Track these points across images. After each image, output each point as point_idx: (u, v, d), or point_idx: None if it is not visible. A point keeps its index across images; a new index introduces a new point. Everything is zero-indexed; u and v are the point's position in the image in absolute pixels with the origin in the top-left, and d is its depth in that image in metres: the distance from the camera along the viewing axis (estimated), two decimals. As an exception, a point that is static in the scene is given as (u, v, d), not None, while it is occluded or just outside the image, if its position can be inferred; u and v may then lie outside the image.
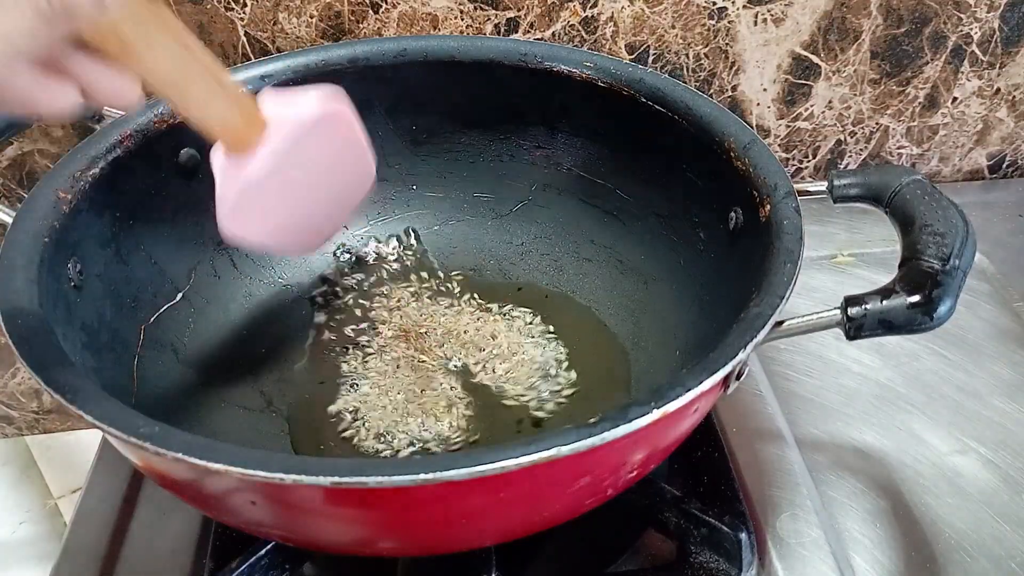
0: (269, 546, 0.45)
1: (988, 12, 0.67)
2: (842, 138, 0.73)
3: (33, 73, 0.29)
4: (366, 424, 0.50)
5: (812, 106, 0.70)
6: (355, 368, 0.53)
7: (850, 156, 0.74)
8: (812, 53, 0.67)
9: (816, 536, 0.47)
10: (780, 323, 0.38)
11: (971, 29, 0.67)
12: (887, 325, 0.37)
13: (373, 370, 0.53)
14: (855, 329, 0.38)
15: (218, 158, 0.39)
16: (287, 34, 0.62)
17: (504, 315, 0.57)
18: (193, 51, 0.34)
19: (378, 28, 0.63)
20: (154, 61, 0.32)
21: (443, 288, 0.59)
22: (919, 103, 0.71)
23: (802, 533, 0.48)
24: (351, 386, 0.52)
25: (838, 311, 0.38)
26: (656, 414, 0.33)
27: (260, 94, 0.39)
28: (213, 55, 0.35)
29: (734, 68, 0.67)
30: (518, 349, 0.54)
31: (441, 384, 0.52)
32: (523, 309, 0.57)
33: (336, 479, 0.30)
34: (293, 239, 0.45)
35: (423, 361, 0.54)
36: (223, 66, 0.36)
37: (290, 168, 0.40)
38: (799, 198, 0.43)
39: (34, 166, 0.65)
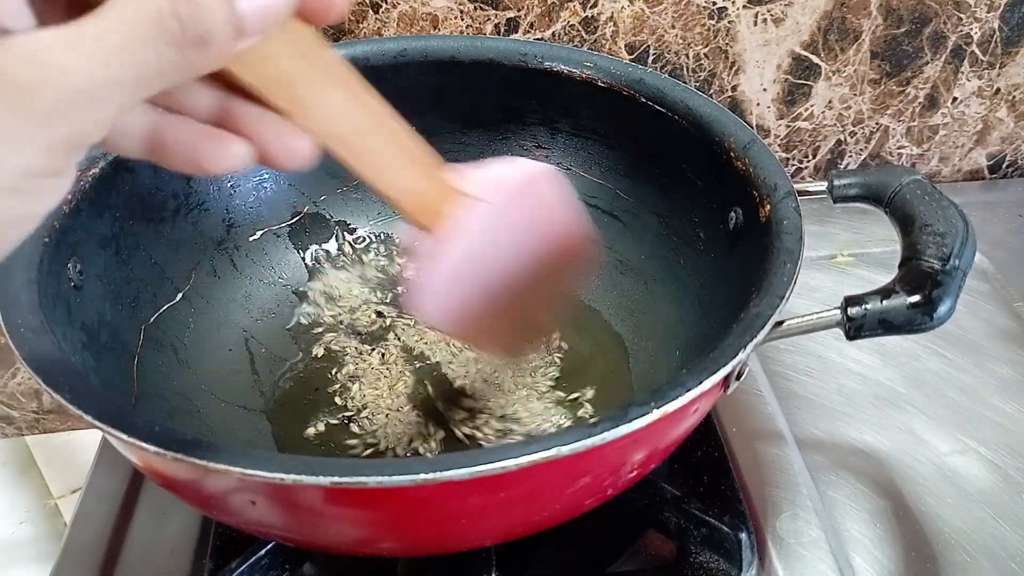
0: (269, 546, 0.45)
1: (988, 12, 0.67)
2: (842, 138, 0.73)
3: (197, 127, 0.27)
4: (364, 425, 0.50)
5: (812, 106, 0.70)
6: (355, 368, 0.53)
7: (850, 156, 0.74)
8: (812, 53, 0.67)
9: (816, 536, 0.47)
10: (780, 323, 0.38)
11: (971, 29, 0.67)
12: (887, 325, 0.37)
13: (372, 371, 0.53)
14: (855, 329, 0.38)
15: (407, 234, 0.36)
16: (287, 34, 0.62)
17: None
18: (369, 104, 0.31)
19: (378, 28, 0.63)
20: (324, 112, 0.29)
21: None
22: (919, 103, 0.71)
23: (802, 533, 0.48)
24: (350, 387, 0.52)
25: (838, 311, 0.38)
26: (656, 414, 0.33)
27: (450, 167, 0.35)
28: (395, 112, 0.32)
29: (734, 68, 0.67)
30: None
31: (441, 384, 0.52)
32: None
33: (336, 479, 0.30)
34: (495, 322, 0.40)
35: (422, 361, 0.54)
36: (407, 124, 0.33)
37: (495, 237, 0.36)
38: (799, 198, 0.43)
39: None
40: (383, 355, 0.54)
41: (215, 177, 0.28)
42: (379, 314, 0.57)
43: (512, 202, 0.36)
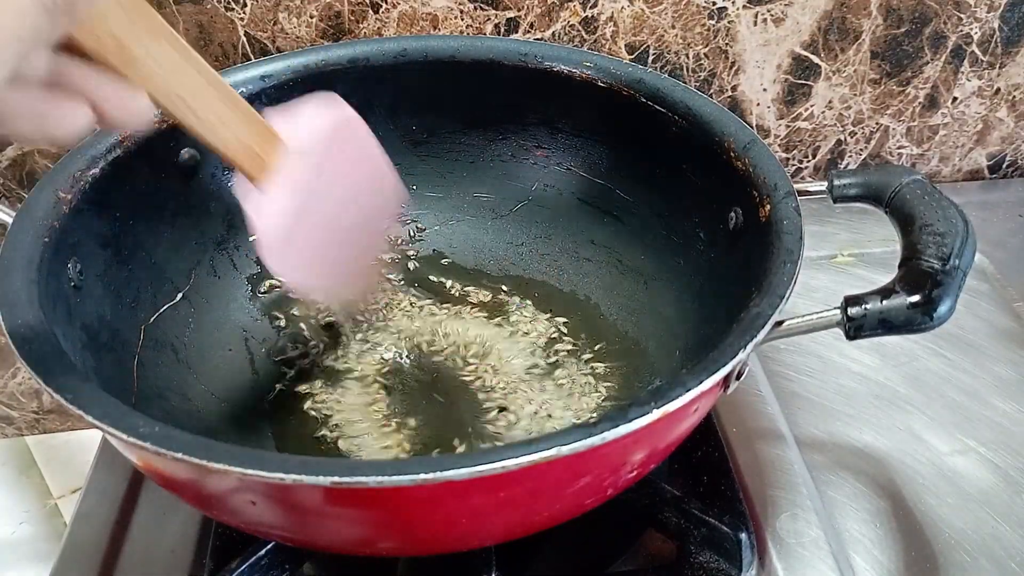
0: (269, 546, 0.45)
1: (988, 12, 0.67)
2: (842, 138, 0.73)
3: (40, 91, 0.27)
4: (361, 425, 0.50)
5: (812, 106, 0.70)
6: (354, 369, 0.53)
7: (850, 156, 0.74)
8: (812, 53, 0.67)
9: (816, 536, 0.47)
10: (780, 323, 0.38)
11: (971, 29, 0.67)
12: (887, 325, 0.37)
13: (372, 370, 0.53)
14: (855, 329, 0.38)
15: (242, 190, 0.36)
16: (287, 34, 0.62)
17: (504, 315, 0.57)
18: (198, 63, 0.32)
19: (378, 28, 0.63)
20: (155, 69, 0.30)
21: (443, 288, 0.59)
22: (919, 103, 0.71)
23: (802, 533, 0.48)
24: (350, 387, 0.52)
25: (838, 311, 0.38)
26: (656, 414, 0.33)
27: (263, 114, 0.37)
28: (213, 70, 0.33)
29: (734, 68, 0.67)
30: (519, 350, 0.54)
31: (440, 385, 0.52)
32: (523, 309, 0.57)
33: (336, 479, 0.30)
34: (335, 271, 0.42)
35: (421, 363, 0.54)
36: (222, 79, 0.34)
37: (319, 186, 0.37)
38: (799, 198, 0.43)
39: (34, 166, 0.65)
40: (383, 353, 0.54)
41: (62, 144, 0.28)
42: (379, 311, 0.57)
43: (329, 148, 0.38)
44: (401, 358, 0.54)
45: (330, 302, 0.52)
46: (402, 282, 0.59)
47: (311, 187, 0.37)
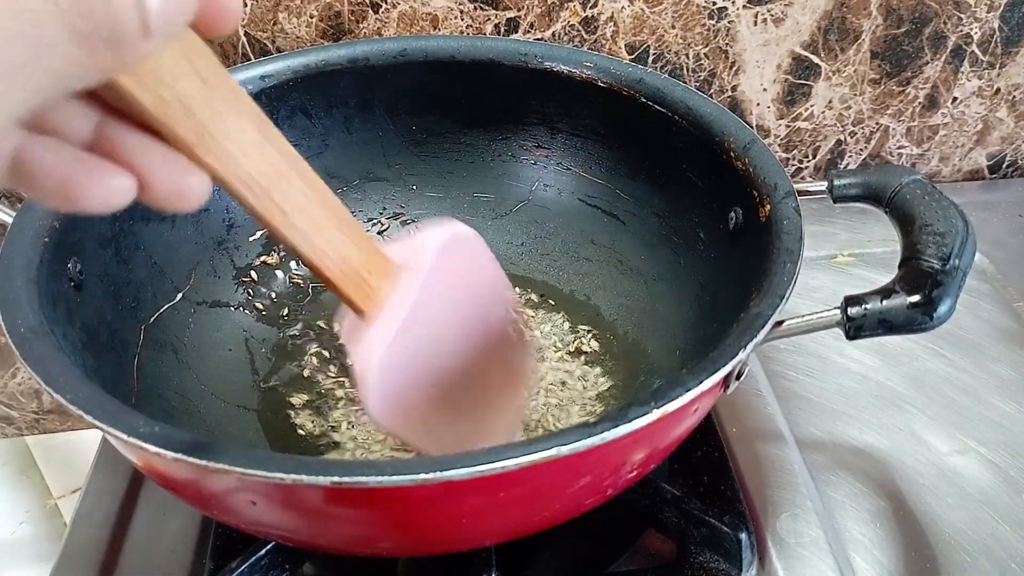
0: (269, 546, 0.45)
1: (988, 12, 0.67)
2: (842, 138, 0.73)
3: (71, 153, 0.23)
4: (360, 425, 0.50)
5: (812, 106, 0.70)
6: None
7: (850, 156, 0.74)
8: (812, 53, 0.67)
9: (816, 536, 0.47)
10: (780, 323, 0.38)
11: (971, 29, 0.67)
12: (887, 325, 0.37)
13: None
14: (855, 329, 0.38)
15: (345, 326, 0.31)
16: (287, 34, 0.62)
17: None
18: (282, 146, 0.26)
19: (378, 28, 0.63)
20: (228, 147, 0.24)
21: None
22: (919, 103, 0.71)
23: (802, 533, 0.48)
24: (349, 386, 0.52)
25: (838, 311, 0.38)
26: (656, 414, 0.33)
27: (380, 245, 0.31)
28: (311, 170, 0.27)
29: (734, 68, 0.67)
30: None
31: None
32: (523, 310, 0.57)
33: (336, 479, 0.30)
34: (453, 424, 0.35)
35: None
36: (328, 190, 0.28)
37: (433, 312, 0.31)
38: (799, 198, 0.43)
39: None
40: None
41: (89, 214, 0.23)
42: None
43: (439, 265, 0.32)
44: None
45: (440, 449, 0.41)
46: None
47: (424, 315, 0.32)
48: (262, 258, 0.57)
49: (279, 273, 0.58)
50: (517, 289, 0.58)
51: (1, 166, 0.22)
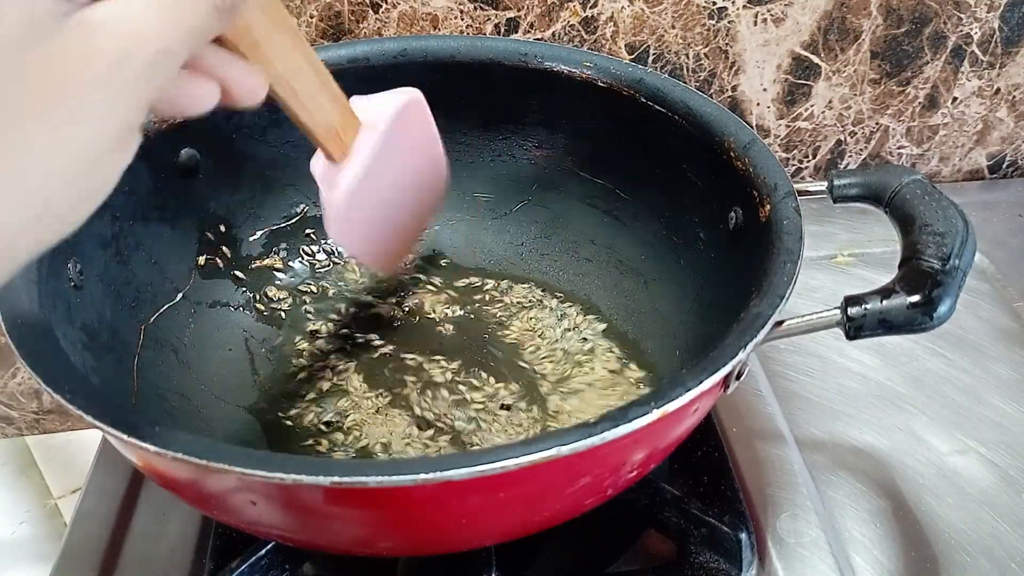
0: (269, 546, 0.45)
1: (988, 12, 0.67)
2: (842, 138, 0.73)
3: (181, 73, 0.28)
4: (359, 426, 0.50)
5: (812, 106, 0.70)
6: (353, 368, 0.53)
7: (850, 156, 0.74)
8: (812, 53, 0.67)
9: (816, 536, 0.47)
10: (780, 323, 0.38)
11: (971, 29, 0.67)
12: (887, 325, 0.37)
13: (370, 370, 0.53)
14: (855, 329, 0.38)
15: (319, 167, 0.40)
16: (287, 34, 0.62)
17: (504, 316, 0.57)
18: (305, 48, 0.35)
19: (378, 28, 0.63)
20: (278, 58, 0.33)
21: (442, 289, 0.59)
22: (919, 103, 0.71)
23: (802, 533, 0.48)
24: (348, 387, 0.52)
25: (838, 311, 0.38)
26: (656, 414, 0.33)
27: (350, 100, 0.40)
28: (317, 57, 0.36)
29: (734, 68, 0.67)
30: (518, 349, 0.54)
31: (439, 387, 0.52)
32: (523, 310, 0.57)
33: (336, 479, 0.30)
34: (389, 246, 0.47)
35: (420, 364, 0.54)
36: (325, 68, 0.37)
37: (385, 162, 0.41)
38: (799, 198, 0.43)
39: (34, 166, 0.65)
40: (383, 354, 0.54)
41: (190, 117, 0.30)
42: (376, 313, 0.57)
43: (395, 126, 0.42)
44: (400, 356, 0.54)
45: (378, 268, 0.56)
46: (401, 283, 0.59)
47: (378, 162, 0.41)
48: (262, 258, 0.57)
49: (279, 273, 0.58)
50: (518, 288, 0.58)
51: (154, 97, 0.27)
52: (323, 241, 0.59)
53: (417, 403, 0.51)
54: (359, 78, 0.54)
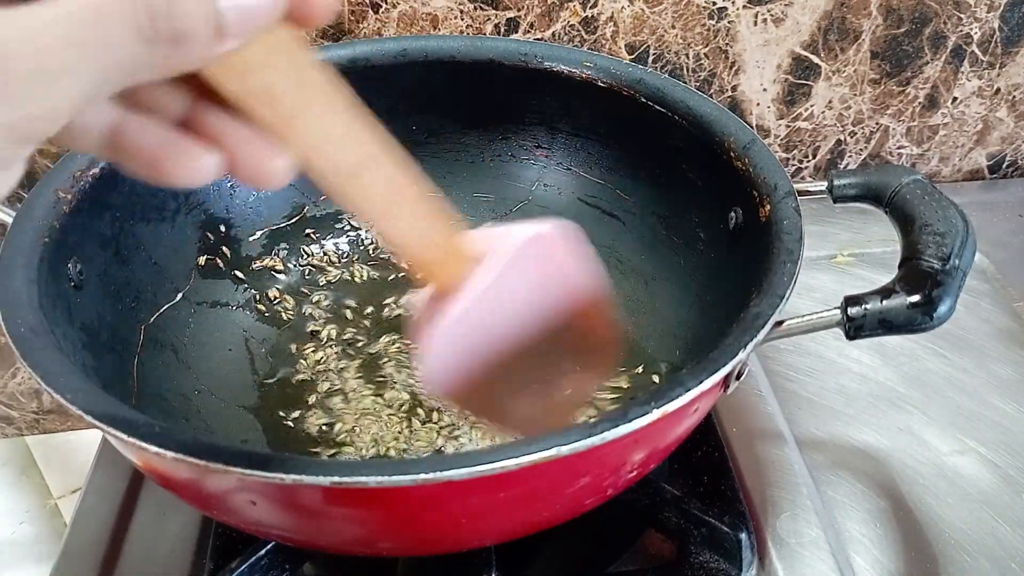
0: (269, 546, 0.45)
1: (988, 12, 0.67)
2: (842, 138, 0.73)
3: (163, 131, 0.24)
4: (359, 426, 0.50)
5: (812, 106, 0.70)
6: (353, 368, 0.53)
7: (850, 156, 0.74)
8: (812, 53, 0.67)
9: (816, 536, 0.47)
10: (780, 323, 0.38)
11: (971, 29, 0.67)
12: (887, 325, 0.37)
13: (370, 371, 0.53)
14: (855, 329, 0.38)
15: (419, 306, 0.32)
16: (287, 34, 0.62)
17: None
18: (370, 135, 0.27)
19: (378, 28, 0.63)
20: (314, 135, 0.25)
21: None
22: (919, 103, 0.71)
23: (802, 533, 0.48)
24: (347, 387, 0.52)
25: (838, 311, 0.38)
26: (656, 414, 0.33)
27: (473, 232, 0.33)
28: (397, 149, 0.28)
29: (734, 68, 0.67)
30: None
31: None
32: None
33: (336, 479, 0.30)
34: (508, 400, 0.36)
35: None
36: (413, 167, 0.29)
37: (500, 303, 0.33)
38: (799, 198, 0.43)
39: (34, 166, 0.65)
40: (382, 354, 0.54)
41: (178, 188, 0.26)
42: (376, 315, 0.57)
43: (518, 257, 0.33)
44: (400, 355, 0.54)
45: (499, 425, 0.43)
46: (401, 283, 0.59)
47: (491, 299, 0.33)
48: (262, 259, 0.57)
49: (279, 274, 0.58)
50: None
51: (93, 139, 0.24)
52: (323, 241, 0.59)
53: (418, 403, 0.51)
54: (359, 78, 0.54)
